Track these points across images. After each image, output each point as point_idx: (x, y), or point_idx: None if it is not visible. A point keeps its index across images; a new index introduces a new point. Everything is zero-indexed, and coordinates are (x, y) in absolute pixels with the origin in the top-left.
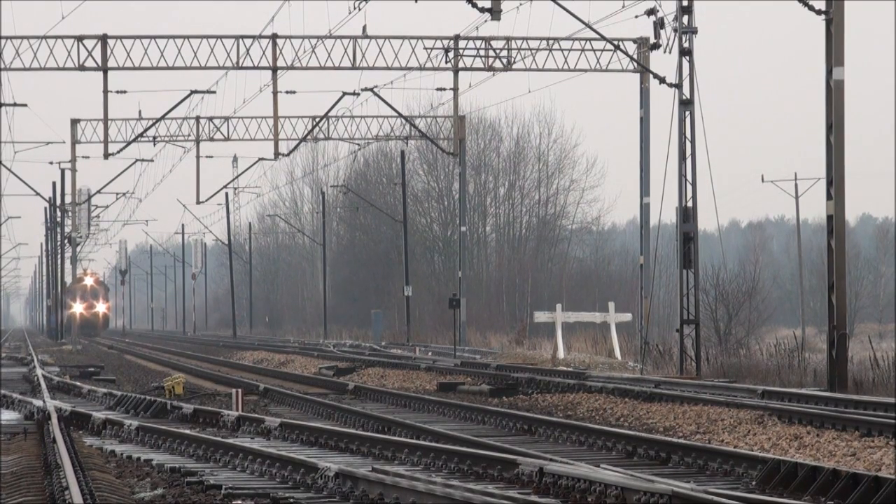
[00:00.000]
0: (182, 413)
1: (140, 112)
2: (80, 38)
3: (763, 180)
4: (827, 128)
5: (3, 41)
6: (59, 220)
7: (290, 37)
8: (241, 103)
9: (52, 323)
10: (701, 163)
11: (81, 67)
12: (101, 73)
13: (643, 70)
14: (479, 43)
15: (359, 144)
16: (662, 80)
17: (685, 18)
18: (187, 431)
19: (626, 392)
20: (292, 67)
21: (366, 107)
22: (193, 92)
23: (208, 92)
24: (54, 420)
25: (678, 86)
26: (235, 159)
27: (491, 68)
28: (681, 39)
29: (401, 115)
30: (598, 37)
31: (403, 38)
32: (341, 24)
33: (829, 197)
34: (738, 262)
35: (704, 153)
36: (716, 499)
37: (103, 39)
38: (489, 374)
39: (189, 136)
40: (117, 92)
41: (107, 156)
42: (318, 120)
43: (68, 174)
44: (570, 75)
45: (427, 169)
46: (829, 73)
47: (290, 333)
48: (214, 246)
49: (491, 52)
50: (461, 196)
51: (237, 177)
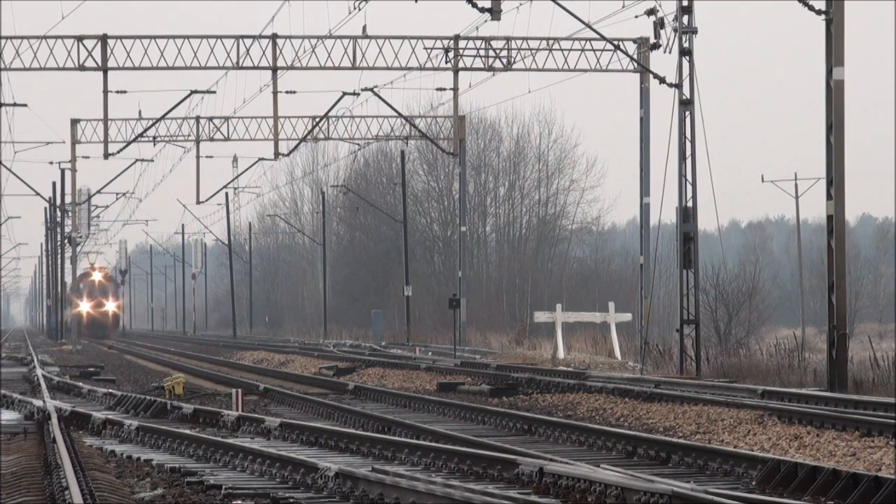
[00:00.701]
0: (182, 413)
1: (140, 112)
2: (80, 38)
3: (763, 180)
4: (827, 128)
5: (3, 41)
6: (59, 220)
7: (290, 37)
8: (241, 103)
9: (53, 323)
10: (701, 163)
11: (81, 67)
12: (101, 73)
13: (643, 70)
14: (479, 43)
15: (359, 144)
16: (662, 80)
17: (685, 18)
18: (187, 431)
19: (626, 392)
20: (292, 67)
21: (366, 107)
22: (193, 92)
23: (208, 92)
24: (54, 420)
25: (678, 86)
26: (235, 159)
27: (491, 68)
28: (681, 39)
29: (401, 115)
30: (598, 37)
31: (403, 38)
32: (341, 24)
33: (829, 197)
34: (738, 262)
35: (704, 153)
36: (716, 499)
37: (103, 39)
38: (489, 374)
39: (189, 136)
40: (117, 92)
41: (107, 156)
42: (318, 120)
43: (68, 174)
44: (570, 75)
45: (427, 169)
46: (829, 73)
47: (290, 333)
48: (214, 246)
49: (491, 52)
50: (461, 196)
51: (237, 177)
